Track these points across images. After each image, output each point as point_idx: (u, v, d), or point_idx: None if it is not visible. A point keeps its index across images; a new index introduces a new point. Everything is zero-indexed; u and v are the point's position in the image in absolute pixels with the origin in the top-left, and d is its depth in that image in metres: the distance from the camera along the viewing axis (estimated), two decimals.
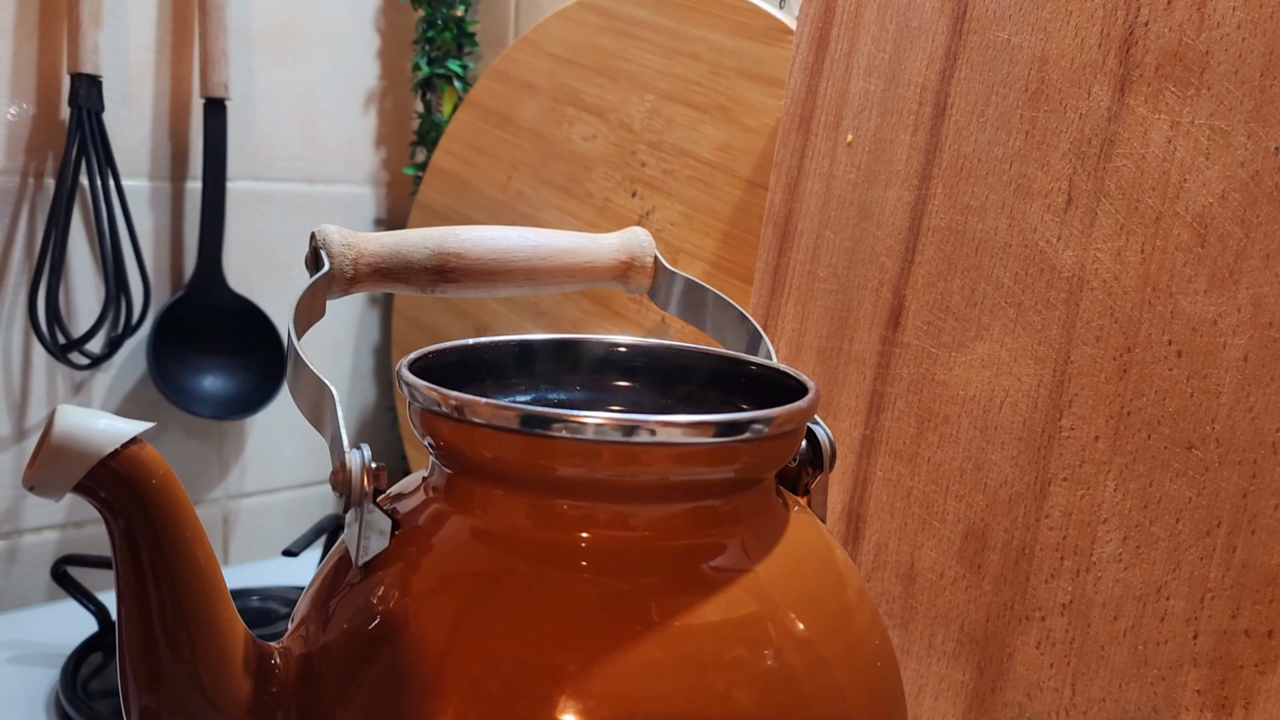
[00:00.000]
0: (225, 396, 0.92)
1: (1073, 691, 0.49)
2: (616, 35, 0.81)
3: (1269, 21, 0.45)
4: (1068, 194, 0.50)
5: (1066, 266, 0.50)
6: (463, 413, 0.35)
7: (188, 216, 0.91)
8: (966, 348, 0.54)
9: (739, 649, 0.34)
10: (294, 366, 0.39)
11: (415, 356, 0.40)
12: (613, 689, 0.33)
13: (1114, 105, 0.49)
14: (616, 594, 0.34)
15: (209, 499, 0.96)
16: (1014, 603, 0.51)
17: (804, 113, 0.63)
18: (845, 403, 0.59)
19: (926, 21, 0.57)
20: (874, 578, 0.57)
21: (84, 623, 0.77)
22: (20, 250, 0.83)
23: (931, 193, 0.56)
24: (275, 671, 0.36)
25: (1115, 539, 0.48)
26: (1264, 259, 0.45)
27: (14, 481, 0.85)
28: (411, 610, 0.35)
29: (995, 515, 0.52)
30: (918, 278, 0.56)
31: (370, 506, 0.36)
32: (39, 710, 0.70)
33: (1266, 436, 0.44)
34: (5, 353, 0.84)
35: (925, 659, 0.55)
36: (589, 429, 0.34)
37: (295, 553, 0.78)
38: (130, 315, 0.86)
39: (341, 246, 0.44)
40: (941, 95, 0.56)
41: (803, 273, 0.62)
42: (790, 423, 0.36)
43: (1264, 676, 0.44)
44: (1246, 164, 0.45)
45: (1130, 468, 0.48)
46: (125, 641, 0.35)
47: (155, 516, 0.35)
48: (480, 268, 0.45)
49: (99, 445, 0.34)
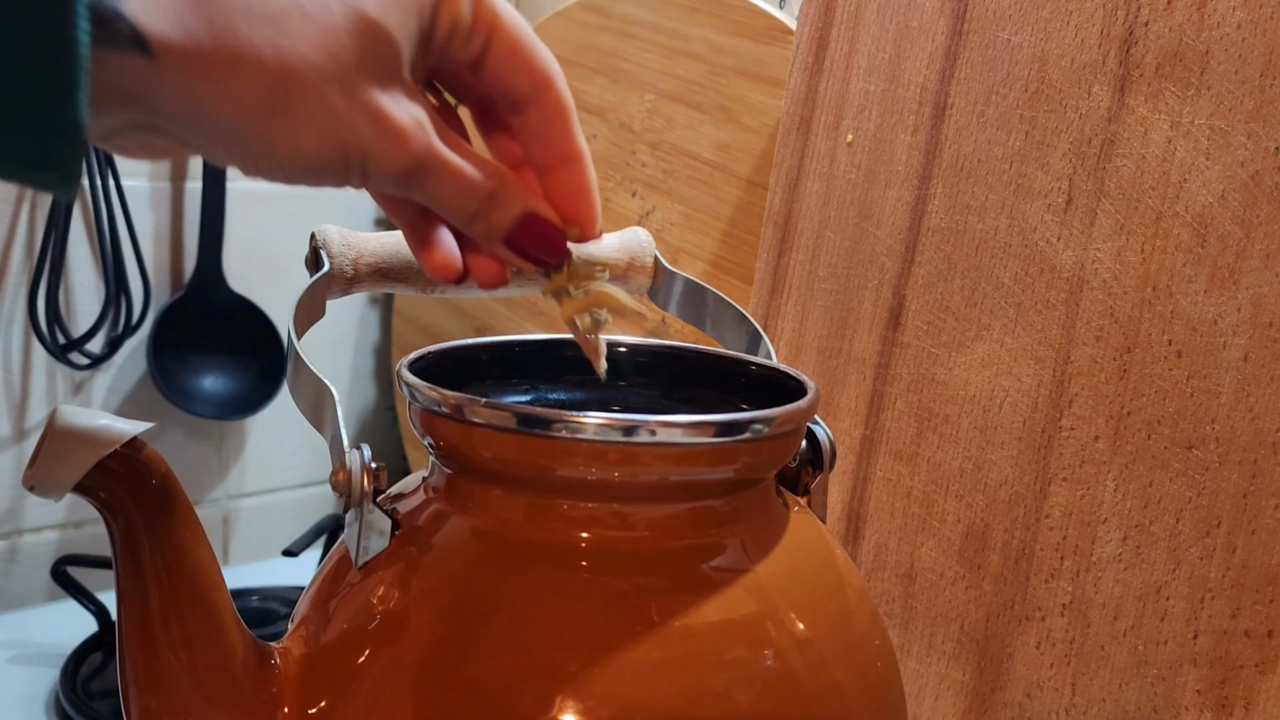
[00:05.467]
0: (225, 396, 0.92)
1: (1073, 691, 0.49)
2: (616, 35, 0.81)
3: (1269, 21, 0.45)
4: (1068, 194, 0.50)
5: (1066, 266, 0.50)
6: (462, 413, 0.35)
7: (188, 216, 0.91)
8: (966, 348, 0.54)
9: (739, 649, 0.34)
10: (294, 366, 0.39)
11: (415, 356, 0.40)
12: (613, 689, 0.33)
13: (1114, 105, 0.49)
14: (616, 594, 0.34)
15: (209, 499, 0.96)
16: (1014, 603, 0.51)
17: (804, 113, 0.63)
18: (845, 403, 0.59)
19: (926, 21, 0.57)
20: (874, 578, 0.57)
21: (84, 623, 0.77)
22: (20, 250, 0.83)
23: (931, 193, 0.56)
24: (275, 671, 0.36)
25: (1115, 539, 0.48)
26: (1264, 259, 0.45)
27: (14, 481, 0.85)
28: (411, 610, 0.35)
29: (995, 515, 0.52)
30: (918, 278, 0.56)
31: (370, 506, 0.36)
32: (39, 710, 0.70)
33: (1266, 436, 0.44)
34: (5, 353, 0.84)
35: (925, 659, 0.55)
36: (589, 429, 0.34)
37: (295, 553, 0.78)
38: (130, 315, 0.86)
39: (341, 246, 0.44)
40: (941, 95, 0.56)
41: (803, 273, 0.62)
42: (790, 423, 0.36)
43: (1264, 676, 0.44)
44: (1246, 164, 0.45)
45: (1130, 468, 0.48)
46: (125, 641, 0.35)
47: (155, 517, 0.35)
48: None
49: (99, 445, 0.34)
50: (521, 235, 0.35)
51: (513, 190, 0.35)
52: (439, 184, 0.33)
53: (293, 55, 0.29)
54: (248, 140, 0.30)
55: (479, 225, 0.35)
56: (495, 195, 0.34)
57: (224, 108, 0.29)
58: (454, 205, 0.34)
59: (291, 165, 0.31)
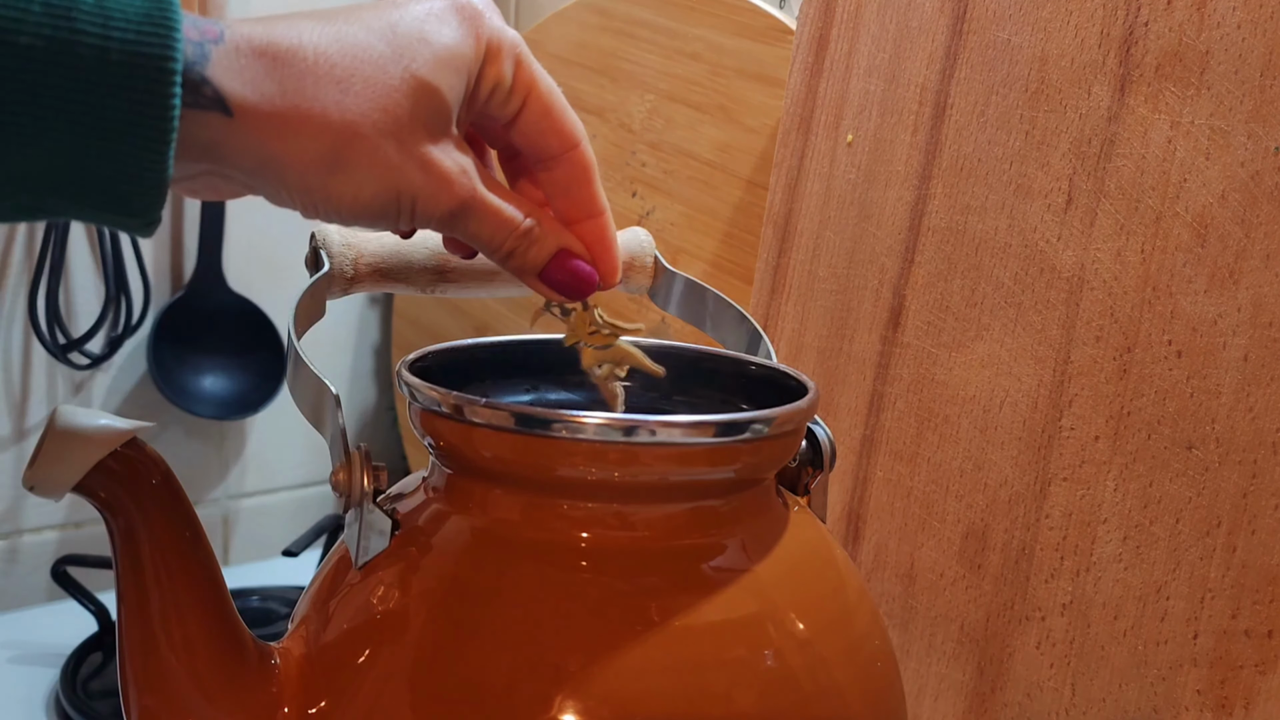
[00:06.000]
0: (225, 396, 0.92)
1: (1073, 691, 0.49)
2: (616, 35, 0.81)
3: (1269, 21, 0.45)
4: (1068, 194, 0.50)
5: (1066, 266, 0.50)
6: (462, 413, 0.35)
7: (188, 216, 0.91)
8: (966, 348, 0.54)
9: (739, 649, 0.34)
10: (294, 366, 0.39)
11: (415, 356, 0.40)
12: (613, 689, 0.33)
13: (1114, 105, 0.49)
14: (616, 594, 0.34)
15: (209, 499, 0.96)
16: (1014, 603, 0.51)
17: (804, 113, 0.63)
18: (845, 403, 0.59)
19: (926, 21, 0.57)
20: (874, 578, 0.57)
21: (84, 623, 0.77)
22: (20, 250, 0.83)
23: (931, 193, 0.56)
24: (275, 671, 0.36)
25: (1115, 539, 0.48)
26: (1264, 259, 0.45)
27: (14, 481, 0.85)
28: (411, 610, 0.35)
29: (995, 515, 0.52)
30: (918, 278, 0.56)
31: (370, 507, 0.36)
32: (39, 710, 0.70)
33: (1266, 436, 0.44)
34: (5, 353, 0.84)
35: (925, 659, 0.55)
36: (589, 429, 0.34)
37: (295, 553, 0.78)
38: (130, 315, 0.86)
39: (341, 246, 0.44)
40: (941, 95, 0.56)
41: (803, 273, 0.62)
42: (790, 423, 0.36)
43: (1264, 676, 0.44)
44: (1246, 164, 0.45)
45: (1130, 468, 0.48)
46: (125, 641, 0.35)
47: (155, 516, 0.35)
48: (480, 268, 0.45)
49: (99, 445, 0.34)
50: (555, 270, 0.38)
51: (548, 228, 0.38)
52: (480, 224, 0.36)
53: (354, 114, 0.33)
54: (311, 189, 0.34)
55: (515, 261, 0.38)
56: (531, 233, 0.37)
57: (292, 160, 0.33)
58: (494, 243, 0.37)
59: (349, 210, 0.34)
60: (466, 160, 0.35)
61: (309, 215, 0.35)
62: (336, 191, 0.34)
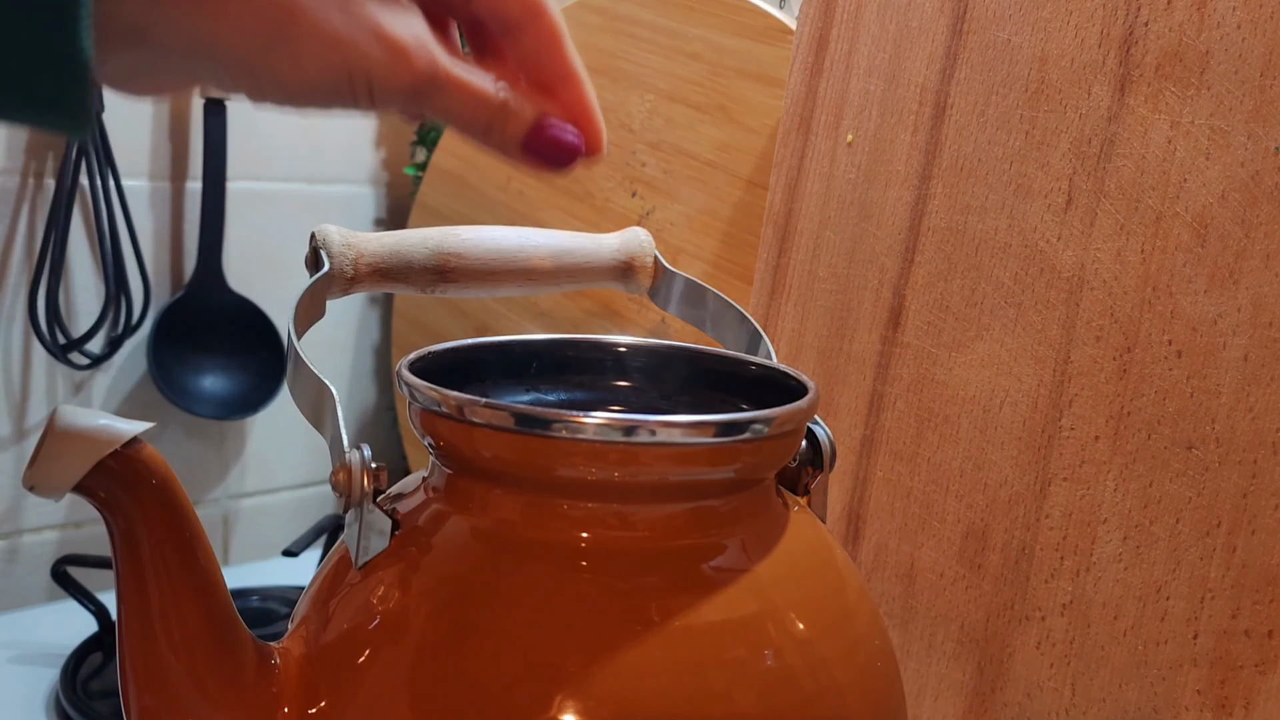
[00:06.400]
0: (225, 396, 0.92)
1: (1073, 691, 0.49)
2: (616, 35, 0.81)
3: (1269, 21, 0.45)
4: (1068, 194, 0.50)
5: (1066, 266, 0.50)
6: (462, 413, 0.35)
7: (188, 216, 0.91)
8: (966, 348, 0.54)
9: (739, 649, 0.34)
10: (294, 366, 0.39)
11: (415, 356, 0.40)
12: (613, 689, 0.33)
13: (1114, 105, 0.49)
14: (616, 594, 0.34)
15: (209, 499, 0.96)
16: (1014, 603, 0.51)
17: (804, 113, 0.63)
18: (845, 403, 0.59)
19: (926, 21, 0.57)
20: (874, 578, 0.57)
21: (84, 623, 0.77)
22: (20, 250, 0.83)
23: (931, 193, 0.56)
24: (275, 671, 0.36)
25: (1115, 539, 0.48)
26: (1264, 259, 0.45)
27: (14, 481, 0.85)
28: (411, 610, 0.35)
29: (995, 515, 0.52)
30: (918, 278, 0.56)
31: (370, 507, 0.36)
32: (39, 710, 0.70)
33: (1266, 436, 0.44)
34: (5, 353, 0.84)
35: (925, 659, 0.55)
36: (589, 429, 0.34)
37: (295, 553, 0.78)
38: (130, 315, 0.86)
39: (341, 246, 0.44)
40: (941, 95, 0.56)
41: (803, 273, 0.62)
42: (790, 423, 0.36)
43: (1264, 676, 0.44)
44: (1246, 164, 0.45)
45: (1130, 468, 0.48)
46: (125, 641, 0.35)
47: (155, 516, 0.35)
48: (480, 268, 0.45)
49: (99, 445, 0.34)
50: (538, 140, 0.36)
51: (524, 97, 0.35)
52: (449, 99, 0.34)
53: None
54: (252, 69, 0.31)
55: (495, 135, 0.35)
56: (507, 105, 0.35)
57: (227, 38, 0.30)
58: (468, 118, 0.35)
59: (297, 89, 0.32)
60: (423, 28, 0.33)
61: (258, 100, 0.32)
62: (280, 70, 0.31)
